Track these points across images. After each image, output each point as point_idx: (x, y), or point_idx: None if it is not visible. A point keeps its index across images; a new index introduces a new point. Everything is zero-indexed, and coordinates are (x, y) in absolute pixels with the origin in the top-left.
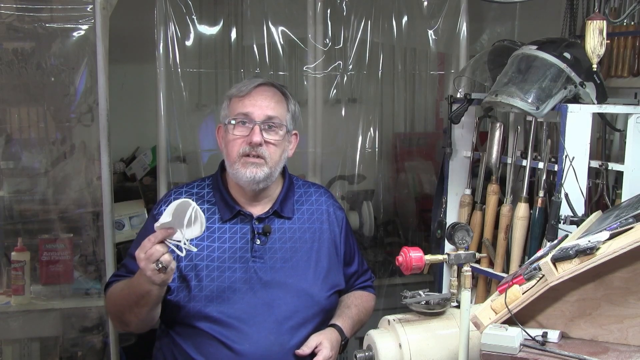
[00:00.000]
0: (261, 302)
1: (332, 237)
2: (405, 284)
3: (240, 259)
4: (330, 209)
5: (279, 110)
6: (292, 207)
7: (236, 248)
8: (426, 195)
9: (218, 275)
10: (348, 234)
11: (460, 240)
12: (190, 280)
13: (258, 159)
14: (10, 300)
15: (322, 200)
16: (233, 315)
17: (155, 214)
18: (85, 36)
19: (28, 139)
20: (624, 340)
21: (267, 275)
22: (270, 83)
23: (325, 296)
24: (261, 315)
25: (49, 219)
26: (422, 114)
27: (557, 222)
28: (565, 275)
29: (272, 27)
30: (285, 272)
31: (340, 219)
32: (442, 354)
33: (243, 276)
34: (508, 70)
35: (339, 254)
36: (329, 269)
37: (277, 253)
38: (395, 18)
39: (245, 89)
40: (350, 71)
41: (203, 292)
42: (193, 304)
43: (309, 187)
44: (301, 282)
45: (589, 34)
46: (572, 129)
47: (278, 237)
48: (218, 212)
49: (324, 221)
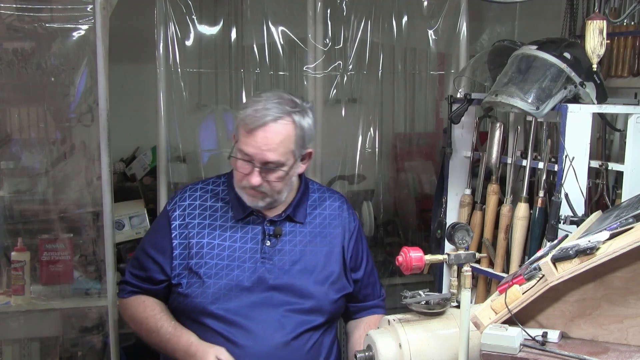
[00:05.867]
0: (267, 302)
1: (342, 242)
2: (405, 284)
3: (249, 259)
4: (344, 214)
5: (282, 150)
6: (305, 212)
7: (246, 248)
8: (426, 195)
9: (227, 274)
10: (358, 240)
11: (460, 240)
12: (200, 277)
13: (259, 193)
14: (10, 300)
15: (335, 206)
16: (239, 313)
17: (168, 209)
18: (85, 36)
19: (28, 139)
20: (624, 340)
21: (275, 276)
22: (278, 117)
23: (332, 300)
24: (266, 314)
25: (49, 219)
26: (422, 114)
27: (557, 222)
28: (565, 275)
29: (272, 27)
30: (293, 274)
31: (352, 226)
32: (442, 354)
33: (251, 276)
34: (508, 70)
35: (345, 258)
36: (337, 274)
37: (286, 255)
38: (395, 18)
39: (251, 125)
40: (350, 71)
41: (211, 289)
42: (200, 299)
43: (324, 192)
44: (308, 285)
45: (589, 34)
46: (572, 129)
47: (288, 240)
48: (231, 210)
49: (336, 226)
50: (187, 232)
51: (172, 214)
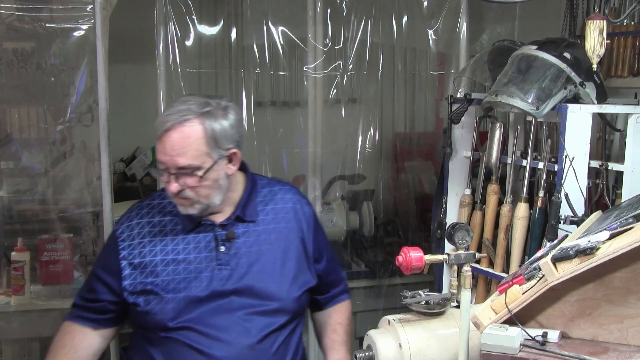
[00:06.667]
0: (228, 307)
1: (299, 235)
2: (405, 284)
3: (206, 268)
4: (297, 206)
5: (192, 153)
6: (255, 209)
7: (201, 257)
8: (426, 195)
9: (185, 286)
10: (317, 229)
11: (460, 240)
12: (157, 293)
13: (185, 200)
14: (10, 300)
15: (287, 198)
16: (201, 322)
17: (116, 231)
18: (85, 36)
19: (28, 139)
20: (624, 340)
21: (233, 281)
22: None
23: (294, 297)
24: (229, 320)
25: (49, 219)
26: (422, 114)
27: (557, 222)
28: (565, 275)
29: (272, 27)
30: (253, 276)
31: (308, 215)
32: (442, 354)
33: (210, 284)
34: (508, 70)
35: (307, 251)
36: (298, 269)
37: (242, 258)
38: (395, 18)
39: (159, 131)
40: (350, 71)
41: (170, 304)
42: (161, 316)
43: (274, 185)
44: (269, 286)
45: (589, 34)
46: (572, 129)
47: (243, 242)
48: (180, 222)
49: (290, 219)
50: (137, 252)
51: (120, 235)
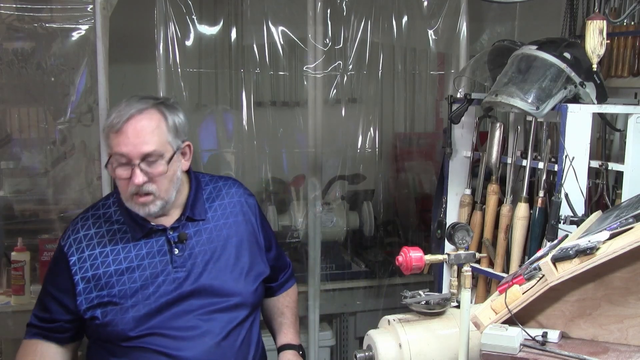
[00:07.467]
0: (189, 309)
1: (249, 227)
2: (405, 284)
3: (162, 273)
4: (242, 199)
5: (156, 139)
6: (203, 207)
7: (156, 262)
8: (426, 195)
9: (142, 294)
10: (263, 219)
11: (460, 240)
12: (116, 304)
13: (147, 196)
14: (10, 300)
15: (232, 192)
16: (164, 326)
17: (63, 245)
18: (85, 36)
19: (28, 139)
20: (624, 340)
21: (192, 282)
22: (142, 109)
23: (251, 291)
24: (192, 321)
25: (49, 219)
26: (422, 114)
27: (557, 222)
28: (565, 275)
29: (272, 27)
30: (209, 274)
31: (252, 206)
32: (442, 354)
33: (167, 288)
34: (508, 70)
35: (259, 241)
36: (252, 261)
37: (197, 258)
38: (395, 18)
39: (118, 124)
40: (350, 71)
41: (130, 313)
42: (122, 326)
43: (217, 181)
44: (227, 283)
45: (589, 34)
46: (572, 129)
47: (196, 241)
48: (130, 231)
49: (238, 213)
50: (88, 265)
51: (68, 250)
